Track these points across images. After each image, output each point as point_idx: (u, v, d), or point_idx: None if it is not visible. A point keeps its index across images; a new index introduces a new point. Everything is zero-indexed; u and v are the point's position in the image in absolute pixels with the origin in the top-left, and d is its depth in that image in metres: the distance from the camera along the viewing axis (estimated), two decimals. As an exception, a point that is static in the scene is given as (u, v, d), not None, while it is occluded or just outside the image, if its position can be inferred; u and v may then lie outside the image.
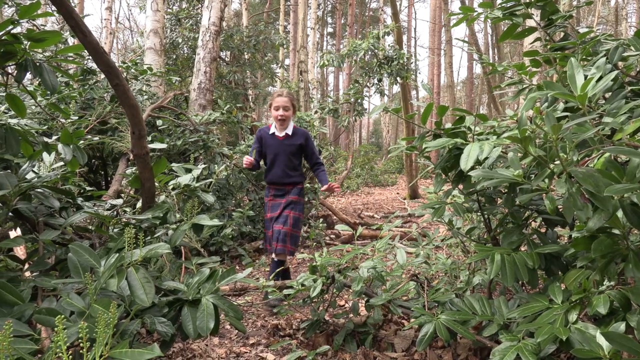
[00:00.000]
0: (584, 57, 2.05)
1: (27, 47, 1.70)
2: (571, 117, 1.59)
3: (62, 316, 0.89)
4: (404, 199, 11.58)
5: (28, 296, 1.50)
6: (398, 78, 8.69)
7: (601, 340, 1.41)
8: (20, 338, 1.21)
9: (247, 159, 3.49)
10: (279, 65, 16.18)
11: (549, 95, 1.80)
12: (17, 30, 1.68)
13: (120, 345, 1.02)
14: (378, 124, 39.40)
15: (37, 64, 1.74)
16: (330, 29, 36.27)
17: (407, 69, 8.67)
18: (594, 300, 1.52)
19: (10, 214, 1.87)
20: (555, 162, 1.41)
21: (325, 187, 3.55)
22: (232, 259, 4.92)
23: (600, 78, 1.56)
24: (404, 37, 28.25)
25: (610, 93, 1.87)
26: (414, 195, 11.30)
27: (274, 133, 3.63)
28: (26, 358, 1.00)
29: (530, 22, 3.68)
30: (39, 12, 1.67)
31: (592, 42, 1.99)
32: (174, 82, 6.25)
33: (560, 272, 1.96)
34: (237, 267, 4.68)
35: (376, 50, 8.53)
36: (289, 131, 3.64)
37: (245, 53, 10.73)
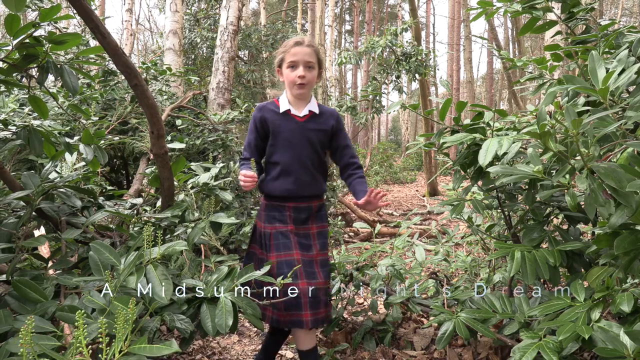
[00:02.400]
0: (607, 50, 2.00)
1: (48, 49, 1.74)
2: (592, 111, 1.56)
3: (82, 311, 0.90)
4: (423, 196, 11.50)
5: (51, 294, 1.53)
6: (416, 75, 8.62)
7: (625, 339, 1.38)
8: (44, 335, 1.24)
9: (247, 178, 2.00)
10: (297, 63, 16.19)
11: (569, 89, 1.76)
12: (39, 32, 1.72)
13: (139, 341, 1.04)
14: (397, 121, 39.20)
15: (59, 66, 1.78)
16: (348, 27, 36.18)
17: (426, 65, 8.59)
18: (617, 298, 1.49)
19: (34, 213, 1.91)
20: (576, 158, 1.38)
21: (364, 199, 1.99)
22: (251, 257, 4.95)
23: (623, 71, 1.52)
24: (423, 33, 28.00)
25: (634, 86, 1.82)
26: (433, 192, 11.21)
27: (288, 111, 2.13)
28: (49, 354, 1.03)
29: (550, 16, 3.62)
30: (60, 14, 1.71)
31: (615, 34, 1.94)
32: (192, 82, 6.31)
33: (582, 270, 1.92)
34: (256, 265, 4.70)
35: (394, 47, 8.47)
36: (314, 107, 2.15)
37: (263, 52, 10.78)
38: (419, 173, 18.58)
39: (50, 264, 1.88)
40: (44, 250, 2.12)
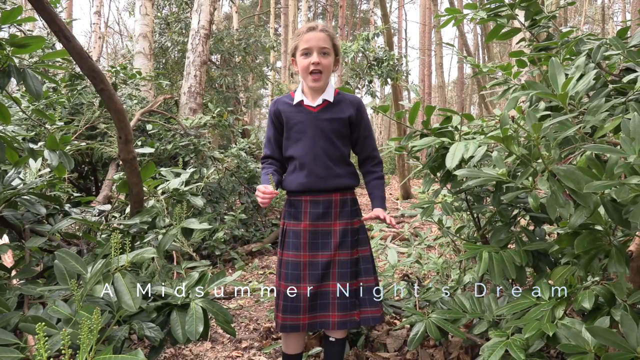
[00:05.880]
0: (568, 56, 2.07)
1: (10, 52, 1.69)
2: (553, 115, 1.61)
3: (42, 323, 0.88)
4: (397, 199, 11.60)
5: (14, 304, 1.49)
6: (388, 79, 8.72)
7: (587, 335, 1.43)
8: (6, 347, 1.20)
9: (265, 194, 1.88)
10: (270, 68, 16.18)
11: (531, 94, 1.81)
12: (0, 35, 1.67)
13: (104, 352, 1.02)
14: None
15: (21, 69, 1.73)
16: (320, 31, 36.25)
17: (398, 70, 8.70)
18: (579, 295, 1.54)
19: (-4, 221, 1.86)
20: (538, 161, 1.42)
21: (374, 213, 2.00)
22: (225, 262, 4.91)
23: (582, 77, 1.57)
24: (395, 39, 28.35)
25: (593, 92, 1.89)
26: (406, 195, 11.32)
27: (301, 102, 2.03)
28: (11, 366, 1.00)
29: (515, 23, 3.72)
30: (23, 17, 1.67)
31: (574, 41, 2.02)
32: (163, 86, 6.23)
33: (548, 269, 1.97)
34: (230, 271, 4.67)
35: (366, 52, 8.55)
36: (329, 96, 2.02)
37: (236, 56, 10.71)
38: (392, 176, 18.75)
39: (13, 273, 1.83)
40: (7, 259, 2.06)
